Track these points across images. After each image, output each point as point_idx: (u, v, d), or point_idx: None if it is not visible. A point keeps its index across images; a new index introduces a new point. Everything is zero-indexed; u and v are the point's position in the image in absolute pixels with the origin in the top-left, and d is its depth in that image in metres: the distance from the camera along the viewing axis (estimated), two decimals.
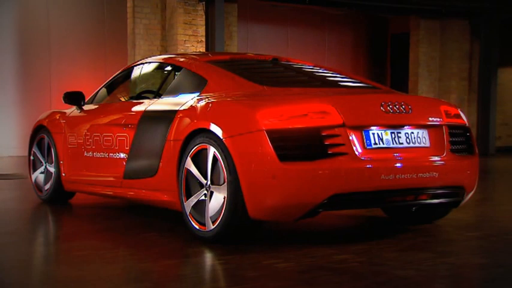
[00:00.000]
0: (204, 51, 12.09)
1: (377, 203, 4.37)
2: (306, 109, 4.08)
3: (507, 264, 3.82)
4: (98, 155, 5.57)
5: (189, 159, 4.45)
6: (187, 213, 4.47)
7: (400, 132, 4.36)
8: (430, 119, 4.50)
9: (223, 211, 4.17)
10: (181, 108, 4.66)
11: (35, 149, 6.58)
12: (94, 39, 13.58)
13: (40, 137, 6.49)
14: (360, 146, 4.17)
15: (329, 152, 4.05)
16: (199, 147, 4.37)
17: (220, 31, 11.58)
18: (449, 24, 16.45)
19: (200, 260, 4.00)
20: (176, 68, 5.24)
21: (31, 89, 13.25)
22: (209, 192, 4.32)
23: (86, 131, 5.79)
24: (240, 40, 14.17)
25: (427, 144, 4.47)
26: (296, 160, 3.99)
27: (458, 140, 4.66)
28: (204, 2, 12.11)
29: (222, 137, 4.15)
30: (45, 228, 5.39)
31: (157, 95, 5.24)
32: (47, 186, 6.34)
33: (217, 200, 4.24)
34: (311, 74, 5.23)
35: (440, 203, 4.58)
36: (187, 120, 4.53)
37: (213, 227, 4.24)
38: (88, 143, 5.73)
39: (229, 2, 13.13)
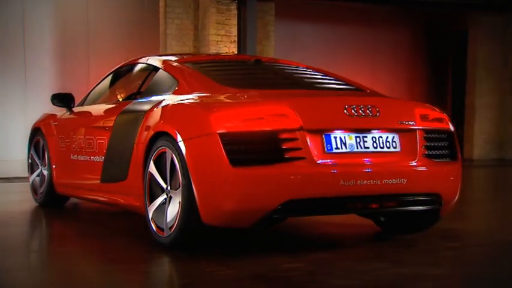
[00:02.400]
0: (237, 51, 12.24)
1: (336, 210, 4.40)
2: (261, 112, 4.15)
3: (459, 275, 3.81)
4: (82, 158, 5.79)
5: (151, 163, 4.59)
6: (150, 218, 4.61)
7: (366, 137, 4.37)
8: (401, 122, 4.48)
9: (178, 216, 4.29)
10: (149, 111, 4.80)
11: (32, 152, 6.87)
12: (132, 39, 13.87)
13: (36, 140, 6.79)
14: (318, 150, 4.20)
15: (284, 157, 4.10)
16: (160, 151, 4.50)
17: (252, 31, 11.72)
18: None
19: (148, 266, 4.13)
20: (156, 69, 5.40)
21: (69, 90, 13.69)
22: (168, 197, 4.45)
23: (72, 133, 6.02)
24: (279, 40, 14.24)
25: (398, 149, 4.46)
26: (249, 164, 4.05)
27: (437, 145, 4.63)
28: (236, 1, 12.27)
29: (177, 140, 4.27)
30: (24, 232, 5.61)
31: (137, 96, 5.41)
32: (41, 190, 6.62)
33: (175, 205, 4.36)
34: (289, 76, 5.28)
35: (413, 211, 4.57)
36: (151, 122, 4.67)
37: (170, 232, 4.37)
38: (74, 146, 5.96)
39: (266, 1, 13.25)
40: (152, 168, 4.59)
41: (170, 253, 4.32)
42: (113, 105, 5.58)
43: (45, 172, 6.54)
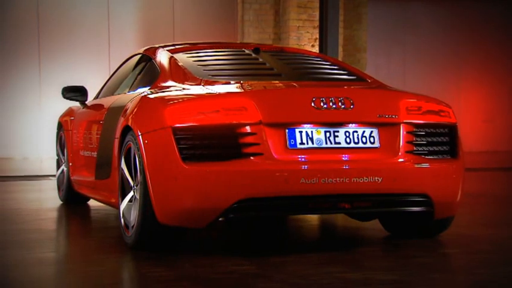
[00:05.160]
0: (318, 37, 12.33)
1: (297, 210, 4.50)
2: (218, 105, 4.34)
3: (413, 282, 3.84)
4: (86, 153, 6.19)
5: (123, 159, 4.90)
6: (120, 216, 4.91)
7: (337, 131, 4.44)
8: (380, 116, 4.51)
9: (137, 215, 4.56)
10: (127, 104, 5.10)
11: (58, 148, 7.39)
12: (215, 27, 14.28)
13: (60, 135, 7.30)
14: (279, 146, 4.33)
15: (240, 152, 4.27)
16: (128, 146, 4.79)
17: (334, 14, 11.71)
18: None
19: (92, 266, 4.37)
20: (150, 60, 5.70)
21: None
22: (135, 194, 4.73)
23: (81, 128, 6.45)
24: (374, 23, 14.14)
25: (376, 144, 4.50)
26: (202, 161, 4.26)
27: (429, 140, 4.62)
28: None
29: (136, 135, 4.55)
30: (22, 230, 6.03)
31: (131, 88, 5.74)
32: (62, 187, 7.12)
33: (137, 203, 4.63)
34: (280, 66, 5.34)
35: (396, 211, 4.63)
36: (125, 116, 4.97)
37: (132, 232, 4.64)
38: (81, 141, 6.38)
39: None
40: (123, 164, 4.89)
41: (130, 253, 4.61)
42: (109, 99, 5.93)
43: (65, 169, 7.02)
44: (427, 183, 4.57)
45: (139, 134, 4.51)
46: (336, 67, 5.50)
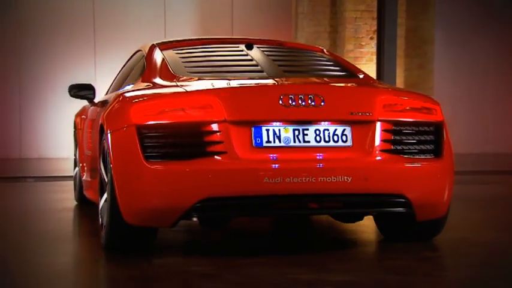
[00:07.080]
0: (376, 29, 12.37)
1: (261, 210, 4.65)
2: (183, 103, 4.56)
3: (360, 283, 3.98)
4: (87, 153, 6.53)
5: (101, 157, 5.19)
6: (99, 216, 5.20)
7: (307, 129, 4.59)
8: (353, 113, 4.62)
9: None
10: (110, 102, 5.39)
11: (74, 147, 7.77)
12: (273, 28, 14.50)
13: (75, 135, 7.69)
14: (245, 144, 4.50)
15: (203, 151, 4.47)
16: (104, 145, 5.07)
17: (393, 3, 11.71)
18: None
19: (57, 266, 4.65)
20: (143, 56, 5.97)
21: None
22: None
23: (85, 127, 6.79)
24: (444, 13, 14.01)
25: (349, 143, 4.62)
26: (165, 159, 4.49)
27: (409, 139, 4.70)
28: None
29: (106, 133, 4.83)
30: (16, 231, 6.38)
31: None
32: (77, 187, 7.50)
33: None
34: (269, 63, 5.48)
35: (371, 212, 4.76)
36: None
37: (104, 231, 4.93)
38: (85, 140, 6.72)
39: None
40: (101, 163, 5.18)
41: (102, 254, 4.91)
42: (108, 96, 6.24)
43: (77, 169, 7.39)
44: (403, 183, 4.64)
45: (109, 132, 4.78)
46: (330, 63, 5.63)
